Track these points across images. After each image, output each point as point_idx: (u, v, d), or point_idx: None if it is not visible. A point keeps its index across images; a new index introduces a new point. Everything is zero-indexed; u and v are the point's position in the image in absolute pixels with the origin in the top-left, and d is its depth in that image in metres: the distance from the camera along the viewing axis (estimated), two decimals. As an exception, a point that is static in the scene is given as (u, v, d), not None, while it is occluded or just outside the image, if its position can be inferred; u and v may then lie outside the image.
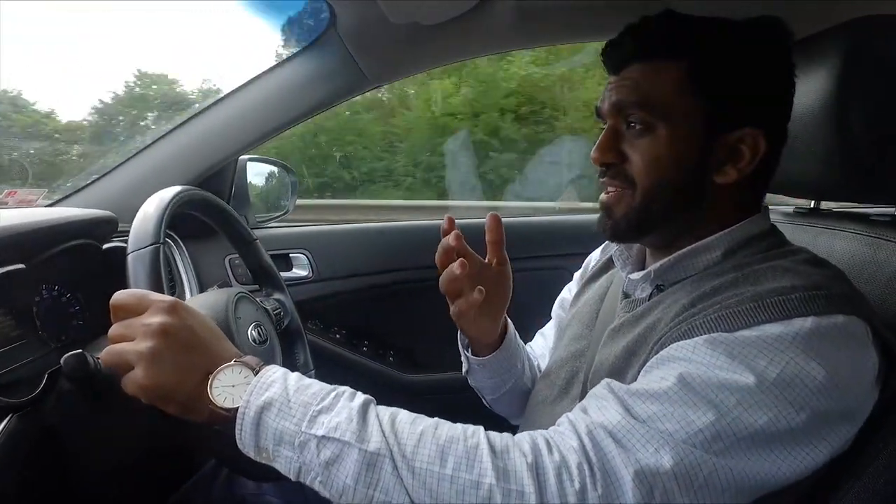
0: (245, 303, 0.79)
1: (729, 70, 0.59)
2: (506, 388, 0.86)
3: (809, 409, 0.48)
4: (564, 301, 0.94)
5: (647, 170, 0.61)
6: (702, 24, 0.61)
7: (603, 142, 0.64)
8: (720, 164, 0.61)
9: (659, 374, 0.52)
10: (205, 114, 1.18)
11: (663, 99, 0.60)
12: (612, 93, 0.63)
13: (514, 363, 0.85)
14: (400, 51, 1.15)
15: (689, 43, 0.60)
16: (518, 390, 0.87)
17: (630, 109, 0.62)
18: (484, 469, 0.47)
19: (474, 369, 0.85)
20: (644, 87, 0.61)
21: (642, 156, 0.61)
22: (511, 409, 0.90)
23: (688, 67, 0.60)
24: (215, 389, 0.52)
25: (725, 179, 0.61)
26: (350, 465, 0.48)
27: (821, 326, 0.50)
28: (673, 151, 0.60)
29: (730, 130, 0.60)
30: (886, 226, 0.67)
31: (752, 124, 0.59)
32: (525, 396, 0.87)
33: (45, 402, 0.66)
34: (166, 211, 0.68)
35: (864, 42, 0.63)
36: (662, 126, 0.60)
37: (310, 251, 1.37)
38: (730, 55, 0.60)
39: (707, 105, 0.59)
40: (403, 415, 0.52)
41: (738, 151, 0.60)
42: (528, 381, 0.88)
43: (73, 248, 0.84)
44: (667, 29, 0.61)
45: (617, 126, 0.64)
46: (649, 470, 0.46)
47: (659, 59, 0.61)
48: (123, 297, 0.56)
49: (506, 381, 0.85)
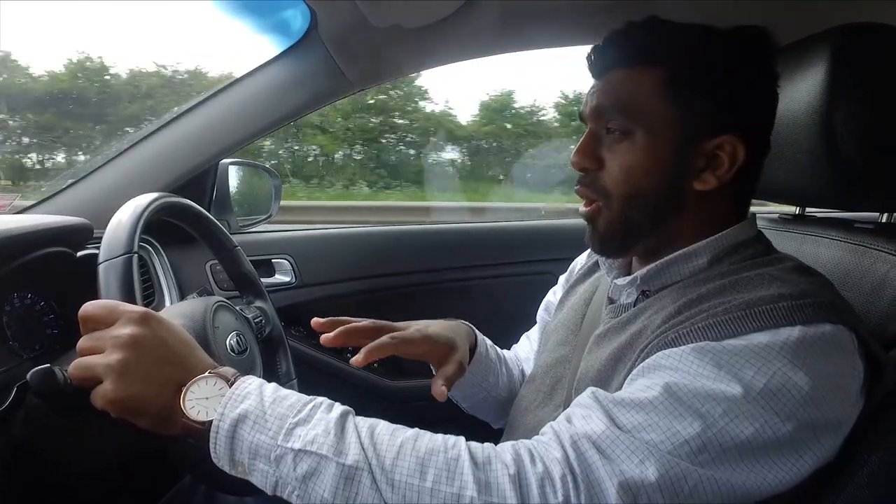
0: (224, 311, 0.77)
1: (708, 77, 0.59)
2: (477, 398, 0.86)
3: (795, 420, 0.48)
4: (549, 305, 0.94)
5: (622, 179, 0.61)
6: (683, 32, 0.61)
7: (582, 146, 0.64)
8: (699, 172, 0.61)
9: (645, 382, 0.52)
10: (184, 117, 1.16)
11: (642, 105, 0.60)
12: (593, 97, 0.64)
13: (486, 377, 0.85)
14: (382, 54, 1.14)
15: (669, 50, 0.60)
16: (493, 400, 0.87)
17: (610, 114, 0.62)
18: (465, 482, 0.47)
19: None
20: (624, 92, 0.61)
21: (619, 163, 0.61)
22: (489, 416, 0.91)
23: (667, 74, 0.60)
24: (188, 402, 0.51)
25: (705, 187, 0.61)
26: (328, 479, 0.47)
27: (808, 336, 0.50)
28: (650, 158, 0.60)
29: (708, 137, 0.60)
30: (870, 233, 0.67)
31: (731, 132, 0.59)
32: (502, 404, 0.87)
33: (14, 415, 0.64)
34: (141, 219, 0.67)
35: (848, 49, 0.63)
36: (641, 132, 0.60)
37: (293, 256, 1.36)
38: (710, 63, 0.60)
39: (686, 112, 0.59)
40: (382, 426, 0.51)
41: (716, 158, 0.60)
42: (503, 390, 0.88)
43: (46, 255, 0.82)
44: (648, 36, 0.61)
45: (597, 131, 0.64)
46: (634, 482, 0.46)
47: (640, 65, 0.61)
48: (92, 308, 0.54)
49: (476, 393, 0.86)
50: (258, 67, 1.17)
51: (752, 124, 0.62)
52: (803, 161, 0.67)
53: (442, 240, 1.50)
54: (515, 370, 0.93)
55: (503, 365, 0.90)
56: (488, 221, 1.68)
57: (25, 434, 0.66)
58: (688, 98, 0.59)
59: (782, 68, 0.63)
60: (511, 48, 1.22)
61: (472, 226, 1.60)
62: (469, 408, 0.89)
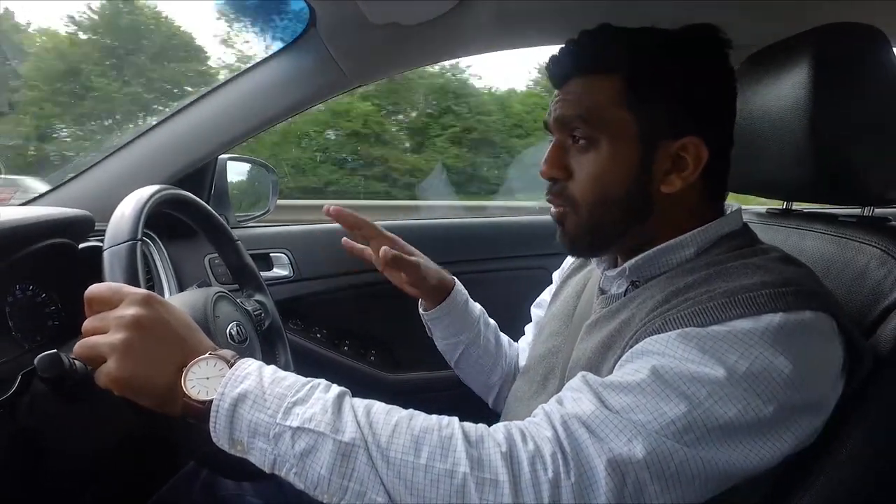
0: (224, 302, 0.78)
1: (663, 81, 0.61)
2: (462, 344, 0.92)
3: (777, 402, 0.49)
4: (542, 302, 0.96)
5: (589, 188, 0.63)
6: (635, 37, 0.63)
7: (550, 157, 0.66)
8: (665, 174, 0.62)
9: (633, 366, 0.53)
10: (184, 112, 1.17)
11: (603, 112, 0.62)
12: (556, 107, 0.65)
13: (465, 319, 0.92)
14: (380, 51, 1.15)
15: (622, 56, 0.62)
16: (476, 363, 0.93)
17: (573, 123, 0.64)
18: (458, 458, 0.48)
19: (430, 327, 0.94)
20: (584, 101, 0.63)
21: (586, 173, 0.63)
22: (476, 385, 0.96)
23: (623, 80, 0.61)
24: (189, 382, 0.52)
25: (671, 189, 0.63)
26: (325, 456, 0.48)
27: (789, 322, 0.51)
28: (615, 166, 0.62)
29: (671, 140, 0.61)
30: (853, 226, 0.69)
31: (693, 133, 0.61)
32: (487, 373, 0.93)
33: (19, 403, 0.65)
34: (144, 209, 0.68)
35: (831, 48, 0.65)
36: (605, 140, 0.62)
37: (290, 251, 1.37)
38: (663, 66, 0.61)
39: (645, 116, 0.61)
40: (378, 406, 0.53)
41: (681, 160, 0.62)
42: (486, 355, 0.94)
43: (48, 247, 0.82)
44: (601, 43, 0.63)
45: (563, 141, 0.66)
46: (622, 459, 0.47)
47: (596, 73, 0.63)
48: (98, 289, 0.55)
49: (459, 336, 0.92)
50: (257, 63, 1.18)
51: (712, 123, 0.63)
52: (788, 157, 0.69)
53: (439, 235, 1.51)
54: (508, 349, 0.97)
55: (489, 330, 0.95)
56: (486, 217, 1.69)
57: (29, 422, 0.67)
58: (647, 102, 0.61)
59: (767, 67, 0.65)
60: (506, 45, 1.23)
61: (470, 221, 1.61)
62: (456, 366, 0.95)
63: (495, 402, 0.96)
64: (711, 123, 0.63)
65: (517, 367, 0.96)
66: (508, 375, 0.96)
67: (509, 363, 0.97)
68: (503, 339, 0.99)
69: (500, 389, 0.95)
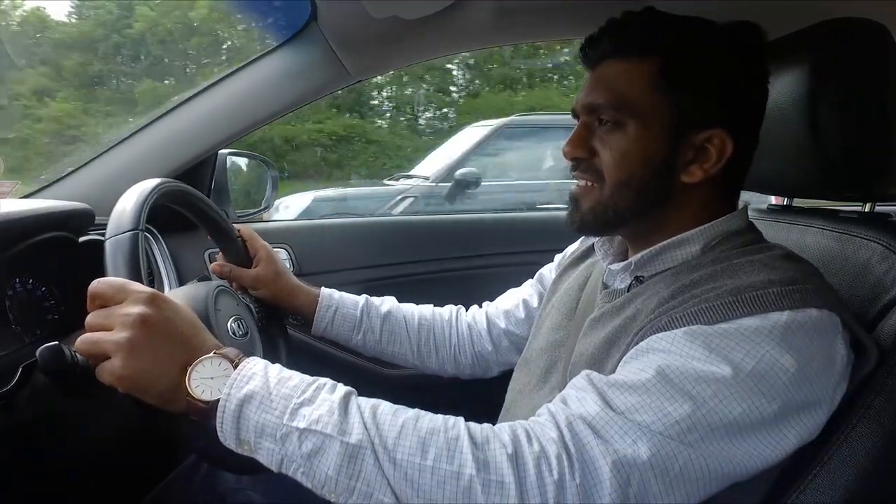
0: (225, 296, 0.78)
1: (700, 70, 0.61)
2: (361, 341, 0.95)
3: (781, 400, 0.50)
4: (543, 277, 0.94)
5: (616, 164, 0.62)
6: (678, 23, 0.62)
7: (574, 137, 0.65)
8: (687, 164, 0.62)
9: (638, 365, 0.54)
10: (184, 107, 1.17)
11: (635, 96, 0.61)
12: (587, 93, 0.65)
13: (349, 336, 0.94)
14: (381, 45, 1.15)
15: (663, 41, 0.61)
16: (390, 340, 0.96)
17: (603, 109, 0.63)
18: (464, 460, 0.48)
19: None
20: (617, 84, 0.62)
21: (612, 151, 0.63)
22: (428, 360, 0.96)
23: (661, 65, 0.61)
24: (193, 381, 0.52)
25: (691, 179, 0.62)
26: (332, 457, 0.49)
27: (795, 320, 0.52)
28: (641, 148, 0.61)
29: (698, 130, 0.61)
30: (854, 222, 0.69)
31: (721, 125, 0.61)
32: (406, 354, 0.96)
33: (18, 396, 0.65)
34: (147, 200, 0.67)
35: (833, 43, 0.65)
36: (632, 123, 0.61)
37: (291, 246, 1.36)
38: (702, 55, 0.61)
39: (677, 104, 0.61)
40: (385, 406, 0.53)
41: (704, 151, 0.61)
42: (401, 330, 0.96)
43: (48, 240, 0.82)
44: (643, 26, 0.62)
45: (589, 122, 0.65)
46: (626, 461, 0.48)
47: (635, 55, 0.62)
48: (102, 285, 0.55)
49: (355, 338, 0.95)
50: (258, 58, 1.17)
51: (741, 119, 0.63)
52: (789, 153, 0.69)
53: (437, 230, 1.51)
54: (453, 321, 0.97)
55: (386, 320, 0.96)
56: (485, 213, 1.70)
57: (29, 415, 0.67)
58: (680, 89, 0.61)
59: (770, 62, 0.65)
60: (507, 40, 1.23)
61: (469, 217, 1.62)
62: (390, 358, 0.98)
63: (471, 371, 0.97)
64: (740, 119, 0.63)
65: (493, 334, 0.94)
66: (467, 343, 0.95)
67: (461, 333, 0.95)
68: (436, 314, 0.98)
69: (471, 360, 0.95)
